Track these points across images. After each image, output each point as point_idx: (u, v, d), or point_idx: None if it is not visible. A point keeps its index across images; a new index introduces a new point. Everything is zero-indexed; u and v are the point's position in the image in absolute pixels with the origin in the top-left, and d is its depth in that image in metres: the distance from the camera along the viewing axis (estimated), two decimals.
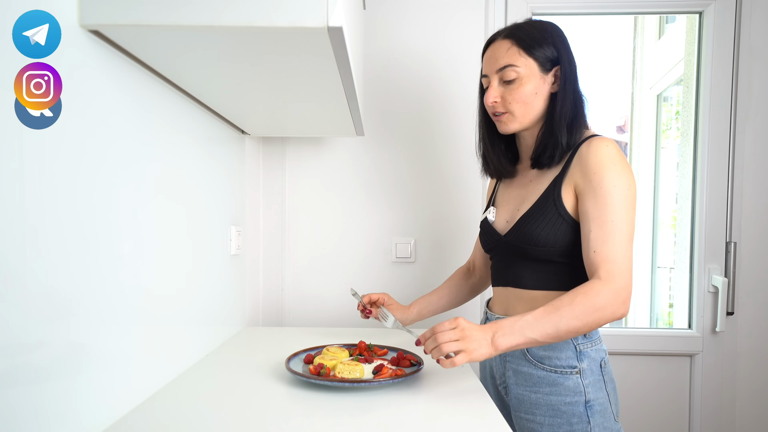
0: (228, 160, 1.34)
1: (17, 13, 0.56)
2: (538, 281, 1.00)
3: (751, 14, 1.58)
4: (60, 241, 0.63)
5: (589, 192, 0.92)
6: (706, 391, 1.61)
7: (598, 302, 0.85)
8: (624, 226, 0.90)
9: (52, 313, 0.62)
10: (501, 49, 1.00)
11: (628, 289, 0.88)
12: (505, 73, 0.99)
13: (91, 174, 0.69)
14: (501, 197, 1.13)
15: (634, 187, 0.93)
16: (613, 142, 0.95)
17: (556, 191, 0.97)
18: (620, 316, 0.88)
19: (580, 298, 0.86)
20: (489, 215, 1.11)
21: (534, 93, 0.99)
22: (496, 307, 1.10)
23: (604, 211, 0.90)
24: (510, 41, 0.99)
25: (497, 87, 1.01)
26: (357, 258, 1.66)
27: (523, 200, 1.04)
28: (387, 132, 1.65)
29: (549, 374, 0.96)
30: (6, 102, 0.55)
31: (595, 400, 0.95)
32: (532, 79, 0.99)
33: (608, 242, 0.88)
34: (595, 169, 0.92)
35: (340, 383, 0.89)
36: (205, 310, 1.17)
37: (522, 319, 0.86)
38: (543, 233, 0.96)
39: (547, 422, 0.96)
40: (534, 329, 0.85)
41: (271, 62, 0.82)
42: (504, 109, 1.01)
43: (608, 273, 0.87)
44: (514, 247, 1.01)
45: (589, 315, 0.85)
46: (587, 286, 0.87)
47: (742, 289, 1.61)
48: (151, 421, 0.77)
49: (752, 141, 1.60)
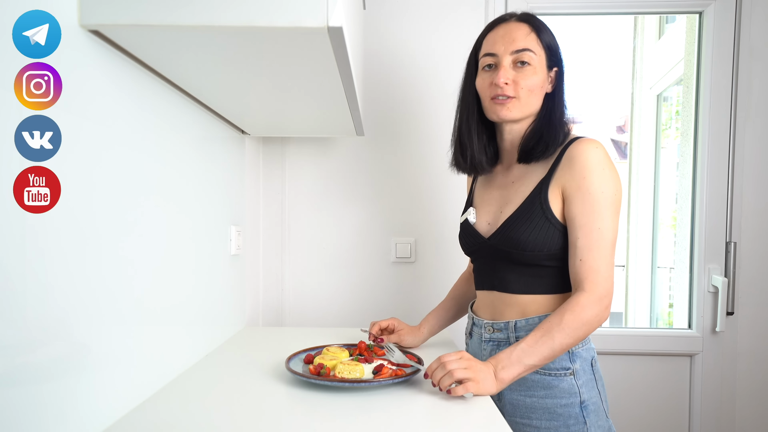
0: (228, 160, 1.34)
1: (17, 13, 0.56)
2: (525, 285, 0.99)
3: (751, 14, 1.58)
4: (60, 242, 0.63)
5: (577, 197, 0.92)
6: (706, 391, 1.61)
7: (586, 316, 0.89)
8: (609, 233, 0.92)
9: (52, 313, 0.62)
10: (520, 32, 0.97)
11: (610, 295, 0.92)
12: (523, 55, 0.95)
13: (90, 173, 0.69)
14: (480, 197, 1.11)
15: (620, 192, 0.94)
16: (601, 145, 0.95)
17: (543, 194, 0.96)
18: (604, 321, 0.93)
19: (568, 315, 0.88)
20: (470, 216, 1.08)
21: (540, 85, 0.98)
22: (482, 311, 1.08)
23: (590, 218, 0.91)
24: (528, 26, 0.97)
25: (509, 68, 0.96)
26: (357, 258, 1.66)
27: (507, 202, 1.02)
28: (387, 132, 1.65)
29: (543, 377, 0.96)
30: (6, 102, 0.55)
31: (589, 399, 0.95)
32: (541, 70, 0.98)
33: (593, 251, 0.91)
34: (584, 173, 0.92)
35: (340, 383, 0.89)
36: (205, 310, 1.17)
37: (517, 349, 0.88)
38: (530, 237, 0.95)
39: (543, 426, 0.96)
40: (531, 356, 0.88)
41: (271, 62, 0.82)
42: (514, 93, 0.96)
43: (593, 283, 0.90)
44: (500, 251, 1.00)
45: (579, 330, 0.89)
46: (573, 302, 0.90)
47: (742, 289, 1.61)
48: (151, 421, 0.77)
49: (752, 141, 1.60)
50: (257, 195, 1.64)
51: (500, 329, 1.01)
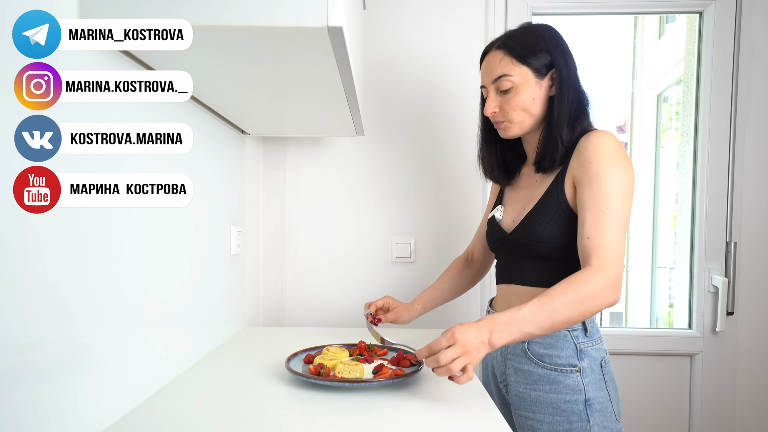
0: (228, 160, 1.34)
1: (17, 13, 0.56)
2: (542, 279, 1.00)
3: (751, 14, 1.58)
4: (60, 241, 0.63)
5: (586, 181, 0.93)
6: (706, 391, 1.61)
7: (591, 290, 0.85)
8: (618, 213, 0.90)
9: (52, 313, 0.62)
10: (494, 60, 1.02)
11: (620, 275, 0.88)
12: (500, 83, 1.01)
13: (90, 173, 0.69)
14: (508, 197, 1.15)
15: (631, 178, 0.93)
16: (611, 135, 0.96)
17: (559, 187, 0.98)
18: (612, 303, 0.88)
19: (573, 287, 0.85)
20: (497, 213, 1.12)
21: (531, 99, 1.01)
22: (498, 305, 1.11)
23: (599, 198, 0.90)
24: (502, 51, 1.02)
25: (495, 97, 1.04)
26: (357, 258, 1.66)
27: (529, 200, 1.06)
28: (387, 132, 1.65)
29: (549, 372, 0.97)
30: (6, 102, 0.55)
31: (595, 399, 0.95)
32: (527, 86, 1.00)
33: (602, 228, 0.89)
34: (591, 159, 0.93)
35: (340, 383, 0.89)
36: (205, 310, 1.17)
37: (517, 313, 0.84)
38: (546, 229, 0.97)
39: (546, 420, 0.97)
40: (530, 323, 0.83)
41: (271, 62, 0.82)
42: (503, 118, 1.04)
43: (600, 259, 0.87)
44: (520, 244, 1.02)
45: (583, 303, 0.85)
46: (579, 275, 0.86)
47: (742, 289, 1.61)
48: (151, 421, 0.77)
49: (752, 141, 1.60)
50: (257, 195, 1.64)
51: None
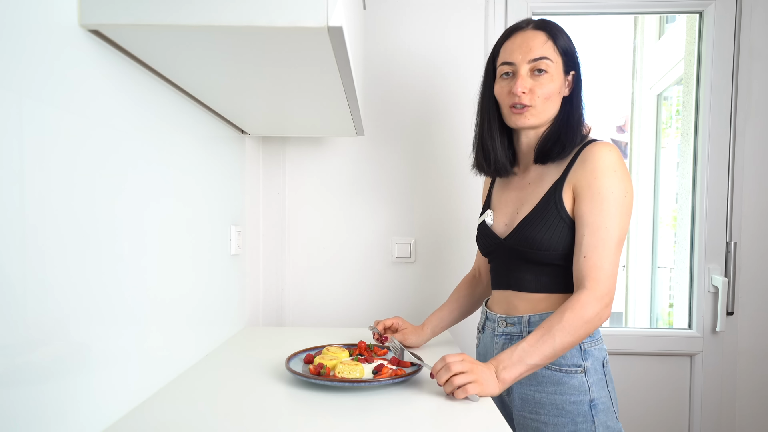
0: (228, 160, 1.34)
1: (17, 12, 0.56)
2: (540, 284, 1.01)
3: (751, 14, 1.58)
4: (60, 241, 0.63)
5: (587, 195, 0.94)
6: (706, 391, 1.61)
7: (587, 315, 0.90)
8: (616, 233, 0.92)
9: (51, 313, 0.62)
10: (536, 40, 0.98)
11: (611, 293, 0.92)
12: (540, 63, 0.97)
13: (90, 173, 0.69)
14: (497, 199, 1.12)
15: (630, 195, 0.95)
16: (616, 149, 0.96)
17: (558, 194, 0.98)
18: (606, 319, 0.93)
19: (569, 314, 0.89)
20: (487, 218, 1.10)
21: (557, 92, 1.00)
22: (496, 306, 1.10)
23: (598, 216, 0.92)
24: (545, 34, 0.99)
25: (527, 77, 0.98)
26: (357, 258, 1.66)
27: (523, 203, 1.04)
28: (387, 132, 1.65)
29: (553, 373, 0.97)
30: (6, 102, 0.55)
31: (598, 399, 0.95)
32: (558, 77, 0.99)
33: (599, 248, 0.92)
34: (595, 173, 0.94)
35: (340, 383, 0.89)
36: (206, 309, 1.17)
37: (518, 348, 0.89)
38: (545, 237, 0.97)
39: (551, 422, 0.96)
40: (532, 355, 0.88)
41: (271, 62, 0.82)
42: (530, 102, 0.98)
43: (594, 281, 0.91)
44: (515, 251, 1.02)
45: (580, 329, 0.89)
46: (574, 301, 0.90)
47: (742, 289, 1.61)
48: (151, 421, 0.77)
49: (752, 141, 1.60)
50: (257, 195, 1.64)
51: (513, 323, 1.03)
